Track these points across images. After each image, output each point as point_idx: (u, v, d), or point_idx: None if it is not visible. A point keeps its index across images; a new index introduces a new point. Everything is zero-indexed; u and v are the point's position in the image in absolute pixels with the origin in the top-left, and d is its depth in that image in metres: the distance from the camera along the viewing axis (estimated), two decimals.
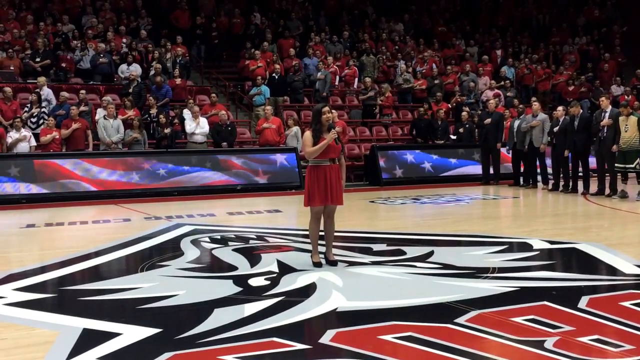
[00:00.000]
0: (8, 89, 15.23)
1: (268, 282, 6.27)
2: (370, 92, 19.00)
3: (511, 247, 8.09)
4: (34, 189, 13.53)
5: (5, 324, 5.11)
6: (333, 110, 15.70)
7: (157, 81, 16.88)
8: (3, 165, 13.46)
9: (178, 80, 17.75)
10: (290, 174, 15.52)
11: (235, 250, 8.03)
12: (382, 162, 16.48)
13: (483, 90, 20.39)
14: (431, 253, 7.56)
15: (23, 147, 14.14)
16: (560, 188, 14.13)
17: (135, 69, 17.54)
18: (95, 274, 7.09)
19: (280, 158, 15.61)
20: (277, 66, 18.98)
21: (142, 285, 6.28)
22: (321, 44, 21.43)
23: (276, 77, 18.76)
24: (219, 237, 9.03)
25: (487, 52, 23.21)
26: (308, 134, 6.87)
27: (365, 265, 7.03)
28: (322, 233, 7.04)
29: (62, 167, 13.88)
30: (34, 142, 14.38)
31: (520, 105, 17.16)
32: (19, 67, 17.42)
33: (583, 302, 5.32)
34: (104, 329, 4.88)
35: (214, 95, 17.36)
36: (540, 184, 15.09)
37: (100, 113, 15.35)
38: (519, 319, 4.91)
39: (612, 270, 6.74)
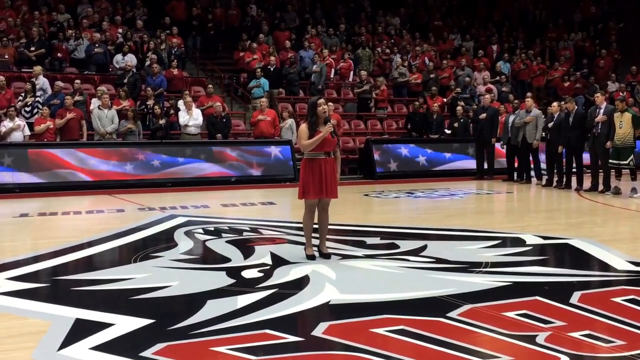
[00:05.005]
0: (1, 78, 15.15)
1: (261, 274, 6.27)
2: (366, 86, 18.98)
3: (504, 242, 8.10)
4: (28, 178, 13.50)
5: None
6: (329, 103, 15.75)
7: (154, 69, 16.82)
8: None
9: (175, 71, 17.71)
10: (284, 167, 15.51)
11: (228, 242, 8.03)
12: (376, 156, 16.49)
13: (479, 84, 20.37)
14: (424, 247, 7.57)
15: (17, 137, 14.09)
16: (554, 184, 14.16)
17: (131, 60, 17.48)
18: (89, 264, 7.08)
19: (274, 150, 15.59)
20: (273, 58, 18.95)
21: (135, 275, 6.28)
22: (317, 37, 21.38)
23: (272, 69, 18.73)
24: (212, 228, 9.03)
25: (483, 47, 23.22)
26: (304, 126, 6.85)
27: (359, 258, 7.04)
28: (316, 226, 7.04)
29: (56, 156, 13.84)
30: (27, 132, 14.34)
31: (516, 101, 17.15)
32: (14, 55, 17.34)
33: (575, 298, 5.34)
34: (96, 319, 4.88)
35: (210, 86, 17.30)
36: (534, 180, 15.14)
37: (94, 103, 15.29)
38: (511, 314, 4.92)
39: (604, 266, 6.76)
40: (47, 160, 13.74)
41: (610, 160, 12.73)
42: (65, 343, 4.36)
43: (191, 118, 15.47)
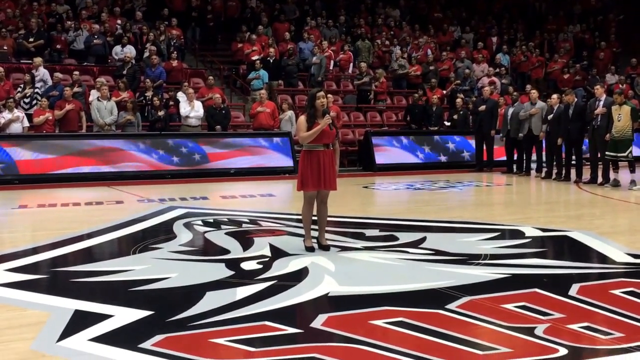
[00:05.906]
0: (0, 69, 15.12)
1: (260, 266, 6.27)
2: (365, 78, 18.95)
3: (503, 234, 8.11)
4: (26, 170, 13.48)
5: None
6: (329, 95, 15.76)
7: (153, 60, 16.77)
8: None
9: (174, 63, 17.67)
10: (284, 158, 15.50)
11: (227, 233, 8.03)
12: (375, 148, 16.47)
13: (480, 77, 20.36)
14: (423, 239, 7.57)
15: (16, 128, 14.07)
16: (553, 176, 14.16)
17: (130, 51, 17.44)
18: (88, 255, 7.08)
19: (274, 142, 15.57)
20: (272, 50, 18.91)
21: (135, 267, 6.28)
22: (317, 29, 21.33)
23: (271, 61, 18.69)
24: (211, 220, 9.03)
25: (482, 39, 23.18)
26: (302, 118, 6.84)
27: (358, 250, 7.04)
28: (315, 218, 7.04)
29: (55, 148, 13.82)
30: (26, 123, 14.31)
31: (515, 93, 17.11)
32: (12, 47, 17.29)
33: (574, 290, 5.34)
34: (95, 310, 4.88)
35: (210, 78, 17.26)
36: (533, 172, 15.13)
37: (93, 94, 15.27)
38: (509, 306, 4.93)
39: (603, 259, 6.76)
40: (46, 152, 13.70)
41: (607, 153, 12.72)
42: (65, 334, 4.37)
43: (192, 110, 15.45)
